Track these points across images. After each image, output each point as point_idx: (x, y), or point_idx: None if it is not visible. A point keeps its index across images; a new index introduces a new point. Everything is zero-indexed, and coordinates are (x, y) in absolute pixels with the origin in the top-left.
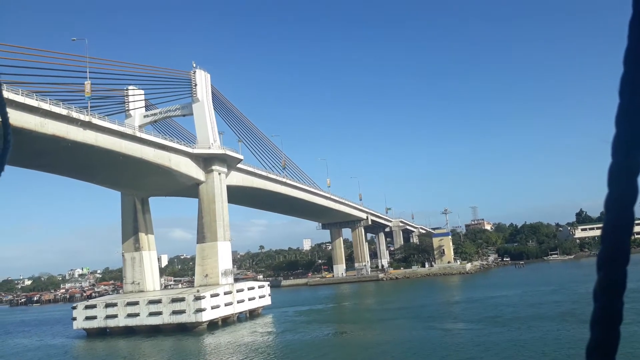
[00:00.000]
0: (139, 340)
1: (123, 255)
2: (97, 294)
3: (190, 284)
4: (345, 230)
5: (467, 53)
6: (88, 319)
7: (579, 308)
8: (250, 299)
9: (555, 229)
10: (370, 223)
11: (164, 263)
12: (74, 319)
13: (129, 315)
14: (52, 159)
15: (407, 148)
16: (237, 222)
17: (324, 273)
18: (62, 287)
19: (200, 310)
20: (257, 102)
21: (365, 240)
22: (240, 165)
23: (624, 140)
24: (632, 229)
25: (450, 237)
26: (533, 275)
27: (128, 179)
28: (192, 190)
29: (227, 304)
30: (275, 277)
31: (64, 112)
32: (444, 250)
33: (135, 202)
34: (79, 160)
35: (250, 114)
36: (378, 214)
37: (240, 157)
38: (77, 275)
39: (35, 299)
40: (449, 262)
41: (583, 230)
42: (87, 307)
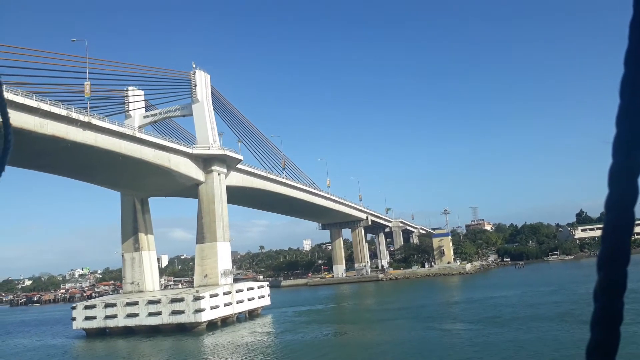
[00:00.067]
0: (138, 341)
1: (123, 256)
2: (97, 294)
3: (191, 284)
4: (345, 231)
5: (467, 53)
6: (87, 319)
7: (579, 308)
8: (250, 299)
9: (556, 230)
10: (370, 223)
11: (165, 263)
12: (74, 319)
13: (129, 316)
14: (51, 160)
15: (407, 148)
16: (237, 222)
17: (324, 273)
18: (62, 287)
19: (200, 311)
20: (257, 102)
21: (365, 241)
22: (240, 166)
23: (625, 141)
24: (632, 230)
25: (450, 237)
26: (533, 276)
27: (128, 180)
28: (191, 191)
29: (226, 304)
30: (275, 277)
31: (64, 112)
32: (444, 251)
33: (135, 202)
34: (79, 161)
35: (250, 114)
36: (378, 215)
37: (240, 157)
38: (77, 276)
39: (36, 299)
40: (449, 262)
41: (583, 231)
42: (86, 307)
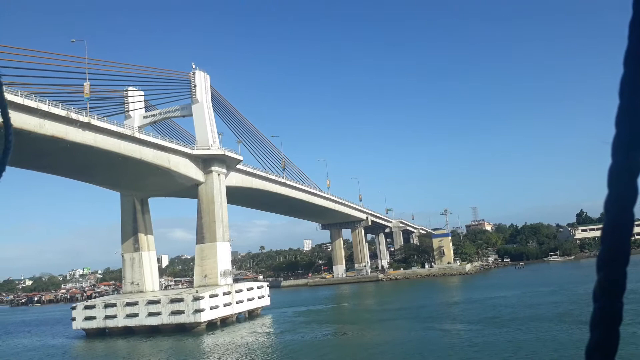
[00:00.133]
0: (138, 341)
1: (122, 256)
2: (97, 294)
3: (191, 284)
4: (345, 231)
5: (467, 53)
6: (87, 319)
7: (578, 309)
8: (249, 300)
9: (556, 230)
10: (370, 224)
11: (165, 263)
12: (74, 319)
13: (128, 316)
14: (51, 160)
15: (407, 148)
16: (238, 222)
17: (324, 274)
18: (62, 287)
19: (199, 311)
20: (256, 102)
21: (365, 241)
22: (240, 166)
23: (624, 141)
24: (632, 230)
25: (450, 237)
26: (532, 276)
27: (127, 180)
28: (191, 191)
29: (226, 305)
30: (276, 277)
31: (63, 113)
32: (444, 251)
33: (135, 202)
34: (79, 161)
35: (250, 115)
36: (378, 215)
37: (240, 157)
38: (77, 276)
39: (36, 299)
40: (449, 262)
41: (583, 231)
42: (86, 307)
